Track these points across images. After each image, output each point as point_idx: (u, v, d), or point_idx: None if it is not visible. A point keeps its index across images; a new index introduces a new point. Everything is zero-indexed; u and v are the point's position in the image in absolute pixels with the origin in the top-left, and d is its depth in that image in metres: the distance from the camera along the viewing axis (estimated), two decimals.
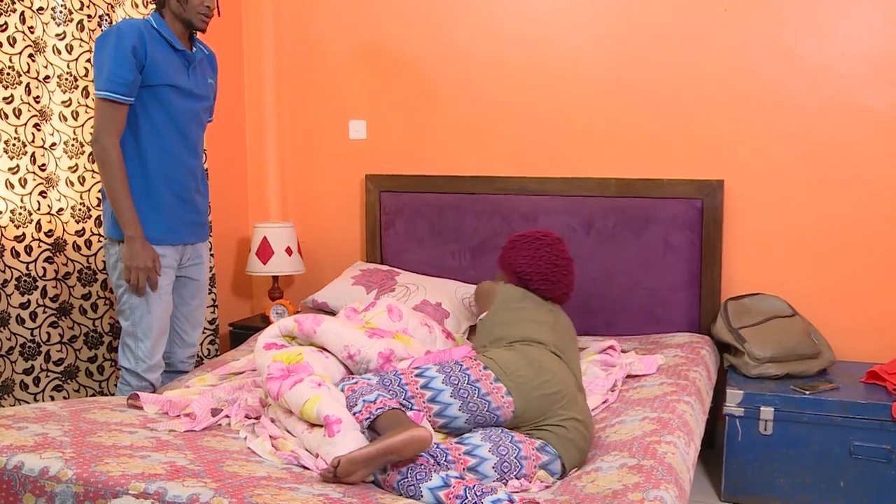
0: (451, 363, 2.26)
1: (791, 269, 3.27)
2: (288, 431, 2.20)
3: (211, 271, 3.71)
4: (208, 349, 3.73)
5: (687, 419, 2.35)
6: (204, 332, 3.67)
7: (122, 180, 2.60)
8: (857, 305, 3.20)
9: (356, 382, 2.18)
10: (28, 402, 3.05)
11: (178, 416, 2.33)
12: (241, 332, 3.78)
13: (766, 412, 2.81)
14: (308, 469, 2.01)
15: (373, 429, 2.02)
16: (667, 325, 3.37)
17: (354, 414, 2.06)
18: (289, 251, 3.84)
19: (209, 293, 3.68)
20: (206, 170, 3.57)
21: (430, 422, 2.15)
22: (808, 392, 2.80)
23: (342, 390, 2.18)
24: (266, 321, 3.83)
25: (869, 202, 3.15)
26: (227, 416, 2.36)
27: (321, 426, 2.06)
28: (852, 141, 3.15)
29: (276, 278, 3.94)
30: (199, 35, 2.86)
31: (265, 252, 3.81)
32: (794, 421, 2.79)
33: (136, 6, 3.37)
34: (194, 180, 2.85)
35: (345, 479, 1.85)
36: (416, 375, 2.21)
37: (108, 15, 3.25)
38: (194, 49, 2.81)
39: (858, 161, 3.15)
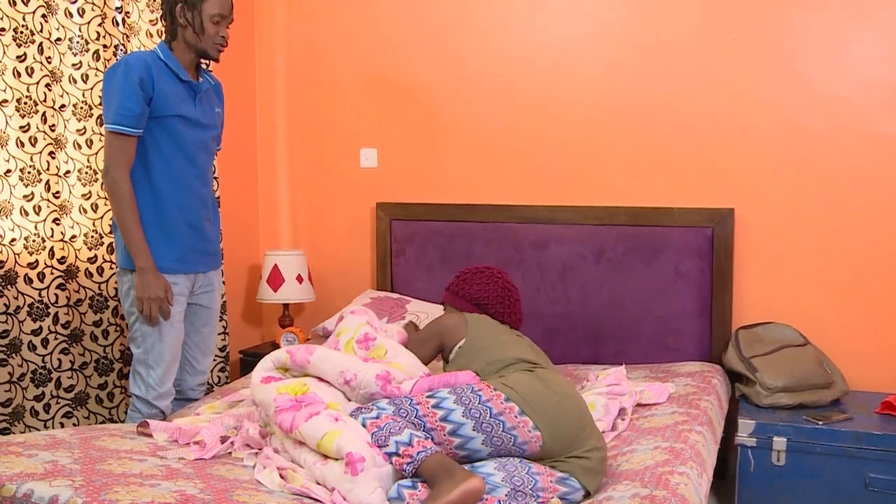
0: (467, 390, 2.17)
1: (803, 298, 3.26)
2: (295, 462, 2.18)
3: (222, 298, 3.72)
4: (218, 376, 3.73)
5: (699, 449, 2.33)
6: (214, 360, 3.67)
7: (132, 212, 2.61)
8: (870, 334, 3.17)
9: (378, 417, 2.11)
10: (38, 429, 3.05)
11: (188, 443, 2.33)
12: (252, 360, 3.78)
13: (779, 442, 2.78)
14: (320, 502, 1.99)
15: (417, 474, 1.99)
16: (677, 354, 3.35)
17: (390, 455, 2.02)
18: (299, 279, 3.84)
19: (220, 320, 3.68)
20: (218, 197, 3.59)
21: (450, 454, 2.10)
22: (821, 422, 2.78)
23: (363, 425, 2.12)
24: (276, 348, 3.82)
25: (881, 230, 3.14)
26: (233, 444, 2.35)
27: (336, 459, 2.04)
28: (863, 169, 3.15)
29: (286, 306, 3.95)
30: (212, 64, 2.89)
31: (276, 279, 3.82)
32: (807, 452, 2.76)
33: (151, 36, 3.42)
34: (205, 209, 2.86)
35: None
36: (433, 407, 2.13)
37: (122, 45, 3.29)
38: (201, 79, 2.83)
39: (869, 189, 3.14)
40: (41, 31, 2.98)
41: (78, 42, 3.14)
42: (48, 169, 3.04)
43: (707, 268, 3.31)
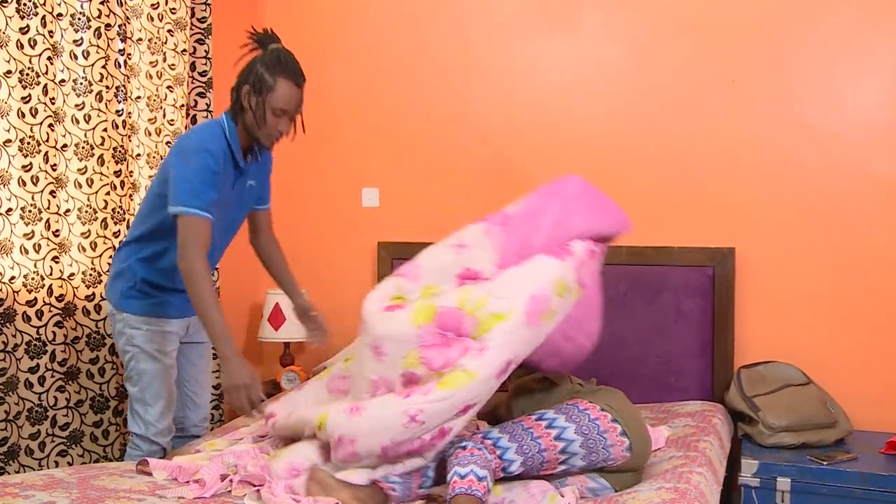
0: (574, 409, 2.31)
1: (804, 337, 3.25)
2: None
3: None
4: (212, 413, 3.69)
5: (703, 489, 2.30)
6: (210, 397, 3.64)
7: (210, 295, 2.45)
8: (873, 373, 3.16)
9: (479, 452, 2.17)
10: (33, 468, 3.02)
11: (188, 482, 2.30)
12: None
13: (783, 483, 2.75)
14: None
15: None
16: (679, 394, 3.33)
17: (461, 476, 2.09)
18: None
19: (214, 357, 3.66)
20: None
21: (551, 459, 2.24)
22: (825, 462, 2.75)
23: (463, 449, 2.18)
24: (277, 388, 3.80)
25: (881, 269, 3.14)
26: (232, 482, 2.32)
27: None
28: (862, 209, 3.16)
29: (287, 345, 3.93)
30: None
31: (277, 318, 3.80)
32: (811, 492, 2.73)
33: (151, 77, 3.46)
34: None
35: None
36: (546, 428, 2.26)
37: (123, 86, 3.32)
38: (249, 161, 2.75)
39: (869, 228, 3.15)
40: (46, 73, 3.01)
41: (81, 83, 3.16)
42: (49, 207, 3.05)
43: (708, 307, 3.31)
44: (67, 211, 3.17)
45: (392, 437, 2.11)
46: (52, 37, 3.03)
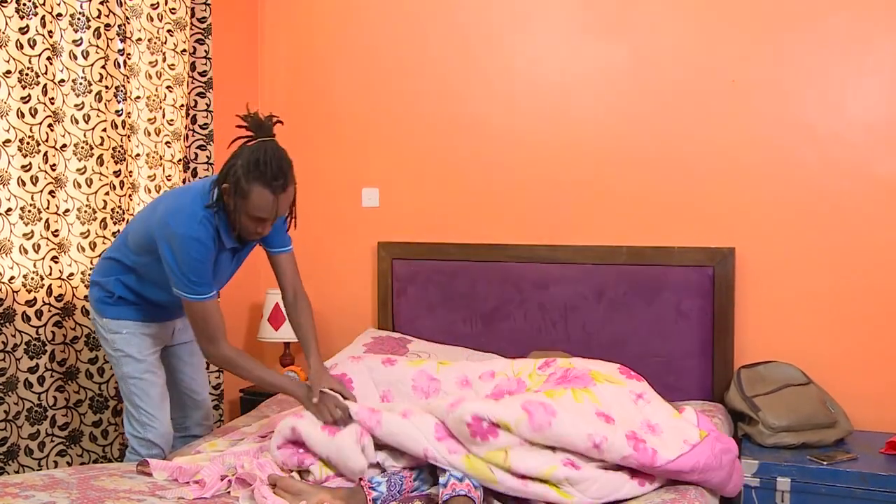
0: None
1: (805, 337, 3.25)
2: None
3: None
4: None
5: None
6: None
7: (257, 368, 2.52)
8: (873, 373, 3.16)
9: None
10: (32, 468, 3.02)
11: (188, 483, 2.30)
12: (252, 399, 3.75)
13: (783, 483, 2.75)
14: None
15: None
16: (679, 394, 3.33)
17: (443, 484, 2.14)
18: None
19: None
20: None
21: None
22: (825, 462, 2.75)
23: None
24: None
25: (882, 269, 3.14)
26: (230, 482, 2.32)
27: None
28: (862, 208, 3.16)
29: (287, 344, 3.93)
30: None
31: (277, 318, 3.80)
32: (811, 492, 2.73)
33: (150, 77, 3.46)
34: None
35: None
36: None
37: (123, 86, 3.32)
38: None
39: (869, 228, 3.15)
40: (45, 73, 3.00)
41: (81, 83, 3.16)
42: (48, 207, 3.04)
43: (708, 307, 3.31)
44: (67, 211, 3.16)
45: None
46: (51, 37, 3.03)
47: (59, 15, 3.09)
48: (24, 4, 2.92)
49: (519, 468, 2.11)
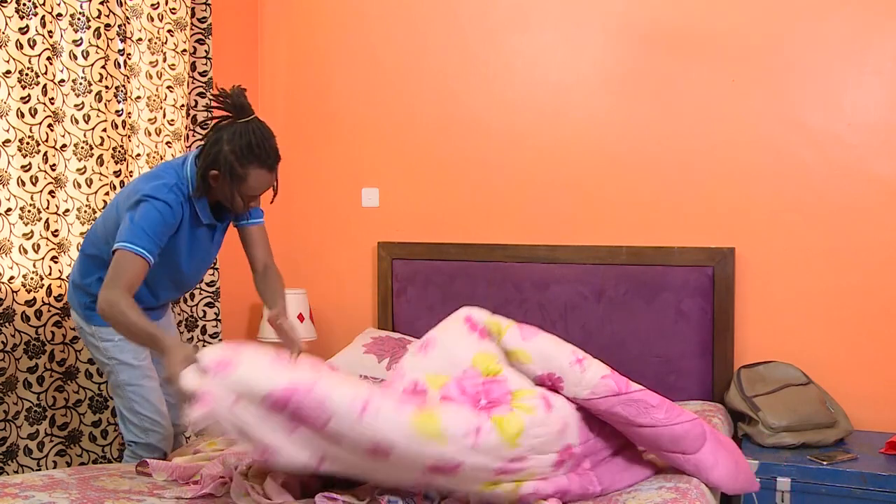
0: None
1: (805, 337, 3.25)
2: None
3: (219, 338, 3.71)
4: None
5: (704, 489, 2.30)
6: None
7: (139, 320, 2.21)
8: (873, 373, 3.16)
9: None
10: (31, 468, 3.02)
11: (187, 483, 2.30)
12: None
13: (783, 483, 2.75)
14: None
15: None
16: (679, 394, 3.33)
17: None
18: (301, 318, 3.83)
19: None
20: None
21: None
22: (825, 462, 2.75)
23: None
24: None
25: (882, 269, 3.14)
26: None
27: None
28: (862, 208, 3.16)
29: None
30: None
31: None
32: (811, 492, 2.73)
33: (151, 77, 3.46)
34: (178, 293, 2.80)
35: None
36: None
37: (123, 86, 3.32)
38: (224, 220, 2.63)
39: (869, 228, 3.15)
40: (45, 73, 3.00)
41: (81, 83, 3.16)
42: (48, 207, 3.04)
43: (708, 307, 3.31)
44: (66, 211, 3.16)
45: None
46: (51, 37, 3.03)
47: (59, 15, 3.09)
48: (24, 4, 2.92)
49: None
